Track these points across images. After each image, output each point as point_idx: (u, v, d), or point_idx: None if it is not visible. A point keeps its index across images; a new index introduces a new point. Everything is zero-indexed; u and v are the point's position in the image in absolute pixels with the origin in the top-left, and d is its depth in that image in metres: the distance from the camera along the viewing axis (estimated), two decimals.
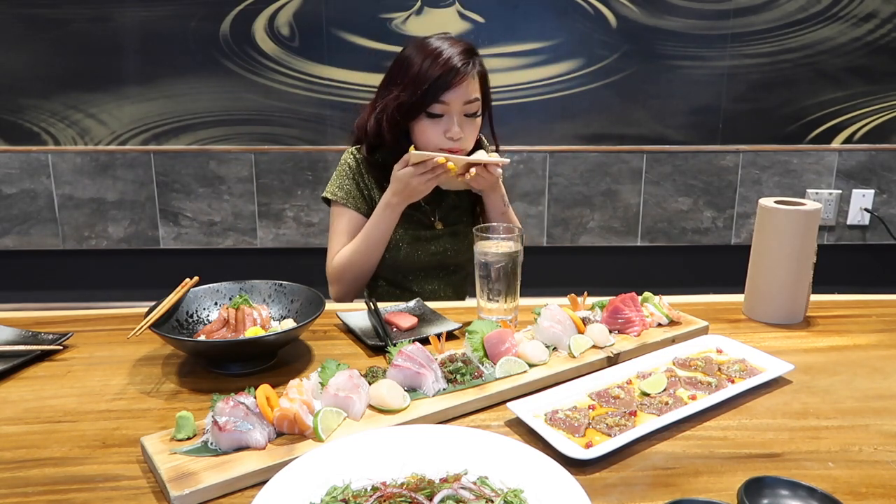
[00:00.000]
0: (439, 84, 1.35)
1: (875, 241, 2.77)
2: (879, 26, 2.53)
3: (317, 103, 2.54)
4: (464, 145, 1.41)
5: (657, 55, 2.54)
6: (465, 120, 1.40)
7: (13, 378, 1.02)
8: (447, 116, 1.39)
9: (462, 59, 1.37)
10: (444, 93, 1.36)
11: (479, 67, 1.41)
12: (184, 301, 1.13)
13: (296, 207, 2.64)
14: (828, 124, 2.63)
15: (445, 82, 1.35)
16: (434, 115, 1.39)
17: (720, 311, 1.30)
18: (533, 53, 2.52)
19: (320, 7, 2.46)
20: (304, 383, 0.86)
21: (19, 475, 0.77)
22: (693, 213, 2.71)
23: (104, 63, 2.48)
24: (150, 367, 1.04)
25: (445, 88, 1.36)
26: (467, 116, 1.40)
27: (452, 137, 1.39)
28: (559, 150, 2.62)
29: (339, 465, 0.73)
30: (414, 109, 1.39)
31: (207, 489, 0.72)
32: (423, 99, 1.36)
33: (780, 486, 0.70)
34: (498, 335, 1.01)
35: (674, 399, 0.91)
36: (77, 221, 2.62)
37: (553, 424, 0.85)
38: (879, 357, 1.09)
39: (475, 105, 1.40)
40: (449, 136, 1.39)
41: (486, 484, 0.70)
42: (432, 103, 1.37)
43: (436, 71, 1.35)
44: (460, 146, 1.41)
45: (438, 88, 1.35)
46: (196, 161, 2.58)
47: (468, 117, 1.41)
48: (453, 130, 1.38)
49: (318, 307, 1.07)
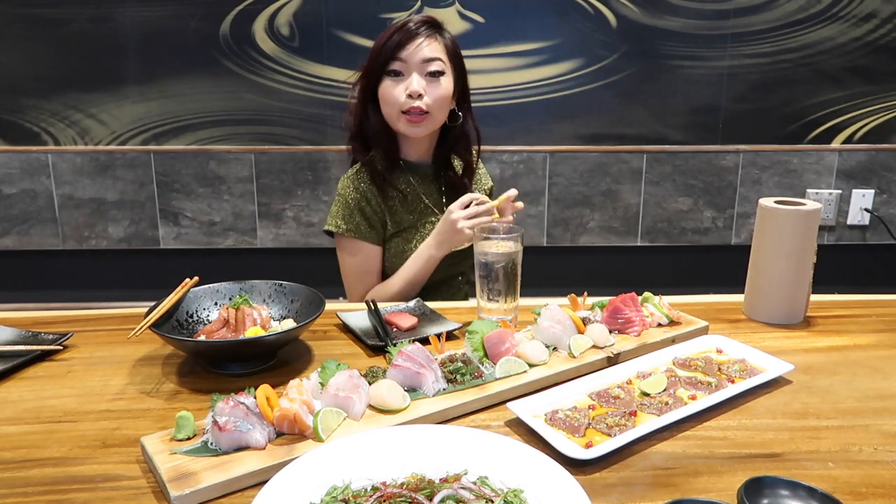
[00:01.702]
0: (394, 41, 1.40)
1: (875, 241, 2.77)
2: (879, 26, 2.53)
3: (317, 103, 2.54)
4: (427, 106, 1.41)
5: (657, 55, 2.54)
6: (426, 79, 1.41)
7: (13, 378, 1.02)
8: (407, 75, 1.41)
9: (418, 21, 1.42)
10: (400, 49, 1.39)
11: (441, 35, 1.45)
12: (184, 301, 1.12)
13: (296, 207, 2.64)
14: (828, 124, 2.63)
15: (399, 39, 1.40)
16: (393, 72, 1.41)
17: (720, 311, 1.30)
18: (533, 53, 2.52)
19: (320, 7, 2.46)
20: (304, 383, 0.86)
21: (19, 475, 0.77)
22: (693, 213, 2.71)
23: (104, 63, 2.48)
24: (150, 367, 1.04)
25: (400, 44, 1.39)
26: (429, 76, 1.41)
27: (412, 94, 1.39)
28: (559, 150, 2.62)
29: (339, 465, 0.73)
30: (376, 71, 1.42)
31: (207, 489, 0.72)
32: (381, 58, 1.41)
33: (780, 486, 0.70)
34: (498, 335, 1.01)
35: (674, 399, 0.91)
36: (77, 221, 2.62)
37: (553, 424, 0.85)
38: (879, 357, 1.09)
39: (436, 64, 1.41)
40: (408, 92, 1.39)
41: (486, 484, 0.70)
42: (389, 62, 1.40)
43: (391, 32, 1.41)
44: (424, 105, 1.40)
45: (393, 45, 1.40)
46: (196, 161, 2.58)
47: (430, 77, 1.41)
48: (412, 87, 1.39)
49: (318, 307, 1.07)
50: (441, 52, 1.43)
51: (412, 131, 1.44)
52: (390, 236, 1.51)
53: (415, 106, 1.40)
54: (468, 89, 1.53)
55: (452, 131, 1.53)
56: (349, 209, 1.48)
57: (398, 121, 1.43)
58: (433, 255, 1.41)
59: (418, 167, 1.54)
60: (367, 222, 1.48)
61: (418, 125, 1.43)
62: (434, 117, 1.43)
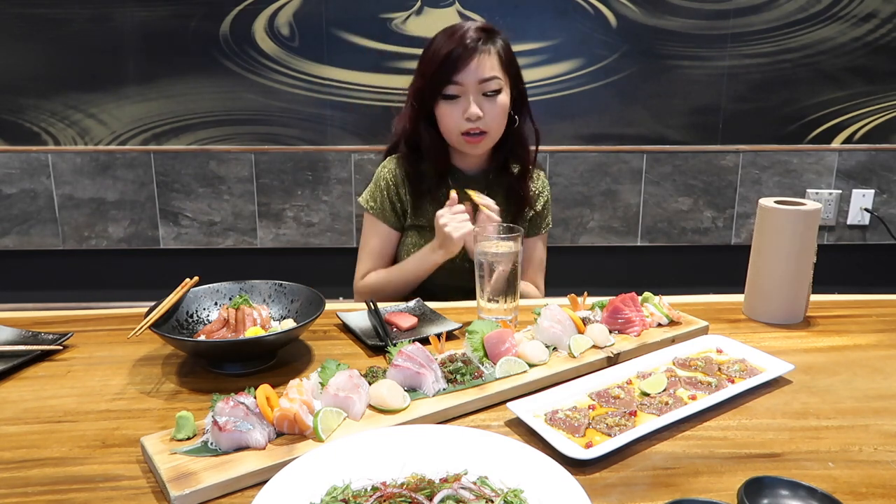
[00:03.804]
0: (449, 63, 1.34)
1: (875, 241, 2.77)
2: (879, 26, 2.53)
3: (317, 103, 2.54)
4: (487, 126, 1.38)
5: (657, 55, 2.54)
6: (483, 99, 1.37)
7: (13, 378, 1.02)
8: (463, 97, 1.37)
9: (474, 35, 1.35)
10: (455, 73, 1.34)
11: (497, 45, 1.38)
12: (184, 301, 1.13)
13: (296, 207, 2.64)
14: (828, 124, 2.63)
15: (455, 60, 1.33)
16: (450, 96, 1.37)
17: (720, 311, 1.30)
18: (533, 53, 2.52)
19: (320, 7, 2.46)
20: (304, 383, 0.86)
21: (19, 475, 0.77)
22: (693, 213, 2.71)
23: (104, 63, 2.48)
24: (150, 367, 1.04)
25: (456, 67, 1.34)
26: (486, 96, 1.37)
27: (470, 118, 1.36)
28: (559, 150, 2.61)
29: (339, 465, 0.73)
30: (430, 93, 1.38)
31: (207, 489, 0.72)
32: (436, 80, 1.35)
33: (780, 486, 0.70)
34: (498, 335, 1.01)
35: (674, 399, 0.91)
36: (77, 221, 2.62)
37: (553, 424, 0.85)
38: (879, 357, 1.09)
39: (493, 83, 1.37)
40: (466, 116, 1.36)
41: (486, 484, 0.70)
42: (446, 85, 1.35)
43: (446, 50, 1.34)
44: (482, 126, 1.38)
45: (449, 68, 1.34)
46: (196, 161, 2.58)
47: (487, 97, 1.37)
48: (470, 110, 1.36)
49: (318, 307, 1.07)
50: (497, 67, 1.37)
51: (472, 151, 1.44)
52: (409, 227, 1.52)
53: (474, 127, 1.38)
54: (524, 90, 1.48)
55: (509, 135, 1.48)
56: (380, 190, 1.51)
57: (457, 142, 1.42)
58: (429, 257, 1.40)
59: (468, 177, 1.51)
60: (392, 206, 1.51)
61: (477, 145, 1.41)
62: (492, 135, 1.42)
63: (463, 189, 1.37)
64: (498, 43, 1.39)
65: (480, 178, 1.52)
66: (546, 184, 1.62)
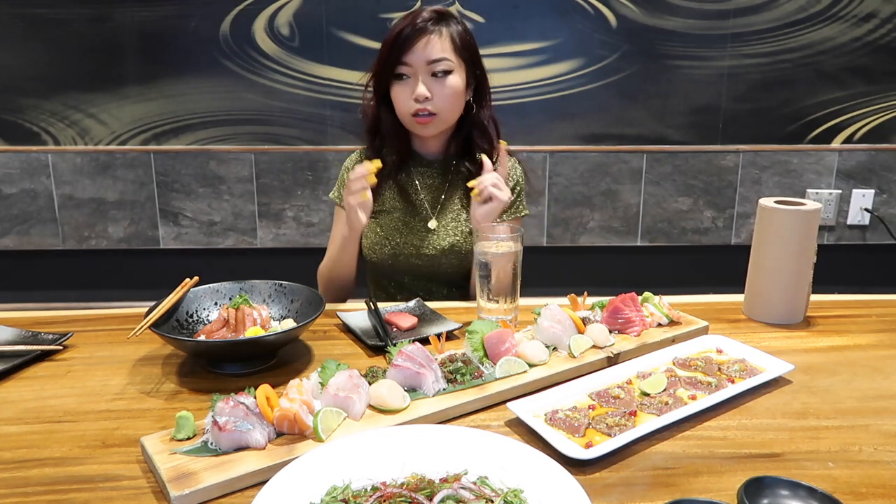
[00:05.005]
0: (399, 42, 1.36)
1: (875, 241, 2.77)
2: (879, 26, 2.53)
3: (317, 103, 2.54)
4: (436, 108, 1.39)
5: (657, 55, 2.54)
6: (432, 81, 1.38)
7: (13, 378, 1.02)
8: (413, 78, 1.38)
9: (426, 16, 1.37)
10: (404, 53, 1.36)
11: (450, 28, 1.39)
12: (184, 301, 1.13)
13: (296, 207, 2.64)
14: (828, 124, 2.62)
15: (404, 40, 1.36)
16: (399, 75, 1.39)
17: (720, 311, 1.30)
18: (533, 53, 2.52)
19: (320, 7, 2.46)
20: (304, 383, 0.86)
21: (19, 475, 0.77)
22: (693, 213, 2.71)
23: (104, 63, 2.48)
24: (150, 367, 1.04)
25: (405, 47, 1.36)
26: (435, 77, 1.38)
27: (417, 98, 1.38)
28: (559, 150, 2.61)
29: (339, 465, 0.73)
30: (383, 75, 1.40)
31: (207, 489, 0.72)
32: (388, 61, 1.38)
33: (780, 486, 0.70)
34: (498, 335, 1.01)
35: (674, 399, 0.91)
36: (77, 221, 2.62)
37: (553, 424, 0.85)
38: (879, 357, 1.09)
39: (443, 64, 1.37)
40: (414, 96, 1.38)
41: (486, 484, 0.70)
42: (396, 65, 1.38)
43: (397, 30, 1.37)
44: (431, 108, 1.39)
45: (399, 47, 1.36)
46: (196, 161, 2.58)
47: (436, 77, 1.38)
48: (417, 90, 1.37)
49: (318, 307, 1.07)
50: (448, 49, 1.38)
51: (422, 132, 1.45)
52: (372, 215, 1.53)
53: (422, 108, 1.39)
54: (485, 79, 1.48)
55: (465, 123, 1.49)
56: (342, 181, 1.56)
57: (409, 123, 1.44)
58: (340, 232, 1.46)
59: (429, 162, 1.54)
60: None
61: (427, 126, 1.42)
62: (442, 117, 1.42)
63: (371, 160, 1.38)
64: (452, 26, 1.40)
65: (442, 164, 1.54)
66: (519, 170, 1.59)
